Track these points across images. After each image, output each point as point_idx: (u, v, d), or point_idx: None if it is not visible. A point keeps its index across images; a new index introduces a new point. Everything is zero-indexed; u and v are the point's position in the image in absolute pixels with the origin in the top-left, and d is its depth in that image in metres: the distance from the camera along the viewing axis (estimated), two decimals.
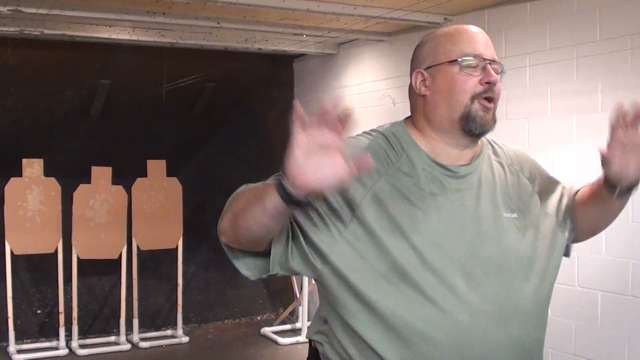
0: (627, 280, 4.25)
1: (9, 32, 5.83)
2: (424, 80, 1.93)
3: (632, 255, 4.21)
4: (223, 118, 7.54)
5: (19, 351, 6.39)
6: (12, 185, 6.33)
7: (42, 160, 6.43)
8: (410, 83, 1.99)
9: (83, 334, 6.80)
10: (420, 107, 1.97)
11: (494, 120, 1.91)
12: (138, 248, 6.81)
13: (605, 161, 1.86)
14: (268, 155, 7.83)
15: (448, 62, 1.89)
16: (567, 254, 2.04)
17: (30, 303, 6.87)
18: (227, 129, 7.55)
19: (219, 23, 5.77)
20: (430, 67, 1.92)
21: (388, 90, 6.39)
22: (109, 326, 7.05)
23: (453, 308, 1.74)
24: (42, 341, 6.74)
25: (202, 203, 7.49)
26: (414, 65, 1.99)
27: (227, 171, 7.57)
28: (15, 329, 6.41)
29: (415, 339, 1.73)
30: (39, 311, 6.89)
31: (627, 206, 2.03)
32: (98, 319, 7.09)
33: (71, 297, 6.56)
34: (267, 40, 6.62)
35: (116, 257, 6.69)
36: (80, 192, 6.54)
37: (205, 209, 7.53)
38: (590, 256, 4.40)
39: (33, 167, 6.41)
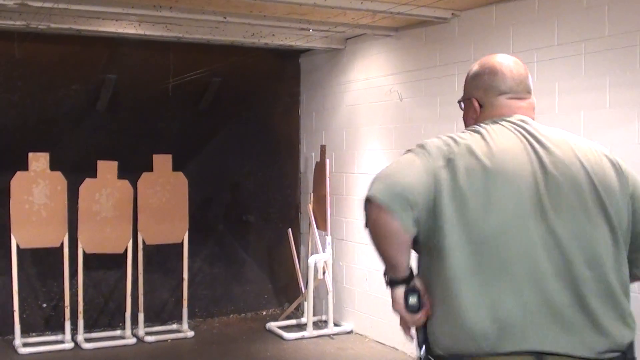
0: None
1: (16, 26, 5.83)
2: None
3: None
4: (229, 113, 7.53)
5: (25, 344, 6.40)
6: (18, 179, 6.33)
7: (48, 154, 6.43)
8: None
9: (89, 328, 6.81)
10: None
11: None
12: (144, 242, 6.81)
13: None
14: (274, 149, 7.83)
15: None
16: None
17: (36, 297, 6.87)
18: (233, 124, 7.55)
19: (225, 17, 5.76)
20: None
21: (395, 86, 6.37)
22: (114, 320, 7.06)
23: None
24: (47, 335, 6.75)
25: (208, 198, 7.49)
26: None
27: (233, 166, 7.57)
28: (21, 323, 6.42)
29: None
30: (44, 305, 6.90)
31: None
32: (104, 313, 7.09)
33: (77, 291, 6.57)
34: (273, 35, 6.61)
35: (122, 251, 6.69)
36: (86, 187, 6.54)
37: (211, 204, 7.53)
38: None
39: (39, 161, 6.40)
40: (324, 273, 6.92)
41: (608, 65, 4.40)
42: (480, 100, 2.31)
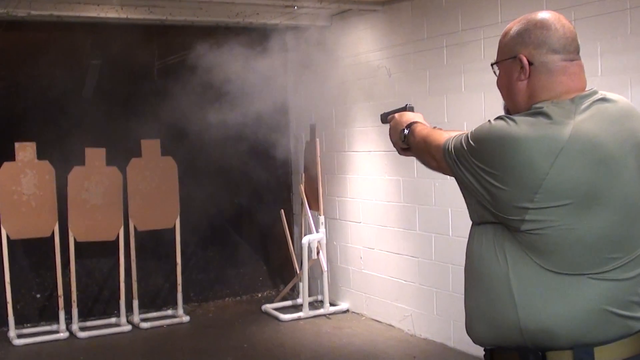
0: None
1: None
2: None
3: None
4: (216, 94, 7.45)
5: (20, 336, 6.36)
6: (6, 170, 6.26)
7: (34, 143, 6.36)
8: None
9: (83, 317, 6.77)
10: None
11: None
12: (135, 229, 6.75)
13: None
14: (263, 130, 7.74)
15: None
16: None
17: (29, 287, 6.82)
18: (221, 106, 7.46)
19: None
20: None
21: (383, 61, 6.30)
22: (109, 308, 7.01)
23: None
24: (42, 325, 6.71)
25: (198, 181, 7.42)
26: None
27: (222, 148, 7.49)
28: (15, 314, 6.38)
29: None
30: (38, 295, 6.85)
31: None
32: (98, 301, 7.05)
33: (70, 280, 6.51)
34: (258, 13, 6.53)
35: (113, 238, 6.64)
36: (75, 175, 6.47)
37: (202, 188, 7.46)
38: None
39: (26, 150, 6.33)
40: (318, 253, 6.89)
41: (599, 31, 4.34)
42: (530, 58, 2.02)
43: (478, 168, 1.96)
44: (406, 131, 2.47)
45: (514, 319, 1.94)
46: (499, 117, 1.98)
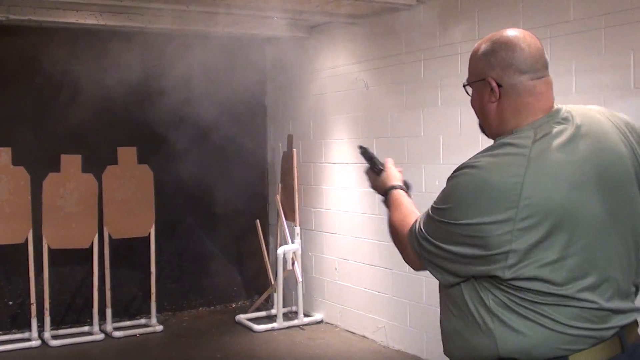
0: None
1: None
2: None
3: None
4: (194, 103, 7.44)
5: None
6: None
7: (10, 149, 6.32)
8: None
9: (56, 325, 6.71)
10: None
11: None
12: (110, 237, 6.72)
13: None
14: (241, 140, 7.75)
15: None
16: None
17: (2, 294, 6.76)
18: (198, 114, 7.46)
19: (187, 6, 5.68)
20: None
21: (360, 74, 6.34)
22: (82, 316, 6.96)
23: None
24: (14, 333, 6.64)
25: (174, 190, 7.40)
26: None
27: (199, 157, 7.49)
28: None
29: None
30: (10, 302, 6.79)
31: None
32: (71, 309, 6.99)
33: (43, 287, 6.46)
34: (237, 23, 6.54)
35: (87, 246, 6.60)
36: (50, 181, 6.44)
37: (177, 196, 7.44)
38: None
39: (0, 156, 6.29)
40: (293, 264, 6.89)
41: (574, 49, 4.40)
42: (498, 80, 2.03)
43: (458, 227, 1.94)
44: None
45: (491, 347, 1.96)
46: (458, 170, 1.99)
